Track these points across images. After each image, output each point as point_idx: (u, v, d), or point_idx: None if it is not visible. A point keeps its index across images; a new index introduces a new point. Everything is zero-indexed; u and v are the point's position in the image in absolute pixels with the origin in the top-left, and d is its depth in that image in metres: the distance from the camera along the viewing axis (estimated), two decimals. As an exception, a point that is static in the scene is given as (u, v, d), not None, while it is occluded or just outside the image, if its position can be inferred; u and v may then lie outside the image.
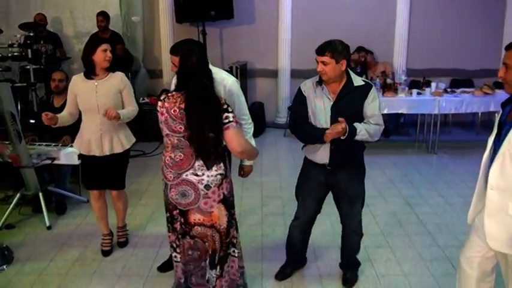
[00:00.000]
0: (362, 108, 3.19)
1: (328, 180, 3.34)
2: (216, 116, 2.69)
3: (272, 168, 6.32)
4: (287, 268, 3.74)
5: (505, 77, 2.33)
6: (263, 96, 8.48)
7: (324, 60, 3.09)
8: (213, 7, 7.33)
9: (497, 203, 2.38)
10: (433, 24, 8.20)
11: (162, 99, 2.78)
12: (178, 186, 2.81)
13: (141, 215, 4.82)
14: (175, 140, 2.77)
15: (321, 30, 7.77)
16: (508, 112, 2.41)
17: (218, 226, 2.90)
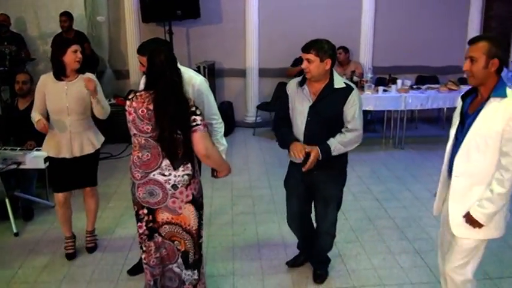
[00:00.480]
0: (341, 111, 3.17)
1: (304, 179, 3.35)
2: (184, 116, 2.67)
3: (242, 167, 6.32)
4: (300, 257, 3.82)
5: (470, 70, 2.42)
6: (232, 95, 8.47)
7: (308, 57, 3.11)
8: (179, 6, 7.27)
9: (463, 190, 2.53)
10: (398, 22, 8.32)
11: (130, 98, 2.76)
12: (145, 185, 2.79)
13: (109, 218, 4.75)
14: (142, 140, 2.75)
15: (288, 30, 7.84)
16: (469, 104, 2.55)
17: (189, 227, 2.88)
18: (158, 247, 2.93)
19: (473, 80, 2.45)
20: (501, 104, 2.38)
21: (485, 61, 2.38)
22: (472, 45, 2.42)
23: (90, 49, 7.29)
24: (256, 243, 4.21)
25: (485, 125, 2.40)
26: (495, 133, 2.38)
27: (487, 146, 2.42)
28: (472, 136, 2.44)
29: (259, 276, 3.70)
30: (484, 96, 2.46)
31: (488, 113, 2.40)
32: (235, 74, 8.36)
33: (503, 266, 3.85)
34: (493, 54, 2.38)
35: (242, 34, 8.21)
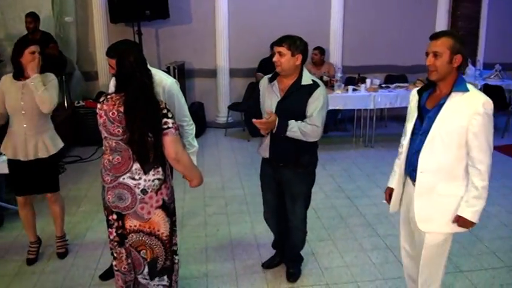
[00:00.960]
0: (305, 107, 3.22)
1: (274, 175, 3.43)
2: (156, 119, 2.65)
3: (214, 168, 6.31)
4: (275, 258, 3.84)
5: (434, 64, 2.45)
6: (202, 96, 8.44)
7: (280, 50, 3.16)
8: (148, 7, 7.20)
9: (428, 185, 2.55)
10: (367, 22, 8.44)
11: (101, 101, 2.71)
12: (114, 189, 2.74)
13: (80, 222, 4.67)
14: (113, 143, 2.71)
15: (258, 30, 7.86)
16: (426, 98, 2.60)
17: (159, 233, 2.83)
18: (129, 253, 2.89)
19: (436, 74, 2.47)
20: (463, 98, 2.43)
21: (449, 56, 2.43)
22: (435, 40, 2.47)
23: (57, 50, 7.15)
24: (229, 243, 4.22)
25: (449, 119, 2.44)
26: (460, 128, 2.42)
27: (452, 141, 2.46)
28: (436, 131, 2.47)
29: (233, 277, 3.71)
30: (444, 91, 2.50)
31: (451, 108, 2.44)
32: (206, 74, 8.33)
33: (474, 259, 3.96)
34: (457, 50, 2.43)
35: (212, 34, 8.19)
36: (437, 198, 2.55)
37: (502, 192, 5.43)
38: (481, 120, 2.39)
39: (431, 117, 2.50)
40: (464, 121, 2.41)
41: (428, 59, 2.46)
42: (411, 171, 2.64)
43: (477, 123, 2.39)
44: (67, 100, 7.40)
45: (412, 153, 2.62)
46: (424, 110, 2.57)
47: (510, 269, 3.81)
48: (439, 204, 2.56)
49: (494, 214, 4.84)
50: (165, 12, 7.45)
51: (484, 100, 2.41)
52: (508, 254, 4.04)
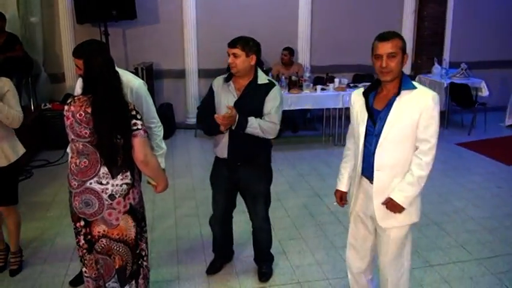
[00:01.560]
0: (262, 106, 3.26)
1: (231, 175, 3.42)
2: (124, 120, 2.60)
3: (184, 169, 6.26)
4: (216, 262, 3.80)
5: (391, 66, 2.48)
6: (171, 97, 8.37)
7: (235, 52, 3.17)
8: (114, 7, 7.10)
9: (384, 182, 2.61)
10: (335, 22, 8.51)
11: (68, 102, 2.65)
12: (81, 194, 2.67)
13: (49, 228, 4.55)
14: (80, 145, 2.63)
15: (227, 30, 7.78)
16: (373, 100, 2.64)
17: (127, 239, 2.77)
18: (97, 261, 2.82)
19: (391, 75, 2.51)
20: (413, 95, 2.51)
21: (401, 56, 2.50)
22: (386, 42, 2.49)
23: (23, 52, 6.99)
24: (200, 245, 4.19)
25: (401, 117, 2.51)
26: (412, 123, 2.50)
27: (406, 137, 2.54)
28: (389, 129, 2.53)
29: (205, 279, 3.69)
30: (392, 90, 2.56)
31: (402, 106, 2.51)
32: (175, 75, 8.27)
33: (442, 253, 4.04)
34: (405, 50, 2.52)
35: (180, 34, 8.13)
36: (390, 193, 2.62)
37: (468, 187, 5.55)
38: (431, 113, 2.48)
39: (384, 117, 2.56)
40: (416, 116, 2.49)
41: (385, 61, 2.48)
42: (370, 171, 2.67)
43: (427, 117, 2.49)
44: (33, 103, 7.23)
45: (369, 155, 2.65)
46: (374, 111, 2.62)
47: (479, 261, 3.90)
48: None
49: (461, 208, 4.95)
50: (132, 13, 7.36)
51: (432, 95, 2.51)
52: (476, 247, 4.13)
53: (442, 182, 5.73)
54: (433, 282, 3.62)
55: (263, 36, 7.97)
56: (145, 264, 2.97)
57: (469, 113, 8.40)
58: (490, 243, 4.21)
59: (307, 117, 8.48)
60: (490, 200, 5.20)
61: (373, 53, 2.55)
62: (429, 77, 8.61)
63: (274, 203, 4.97)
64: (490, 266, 3.82)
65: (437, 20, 8.85)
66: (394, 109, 2.52)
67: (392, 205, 2.58)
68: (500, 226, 4.54)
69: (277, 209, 4.92)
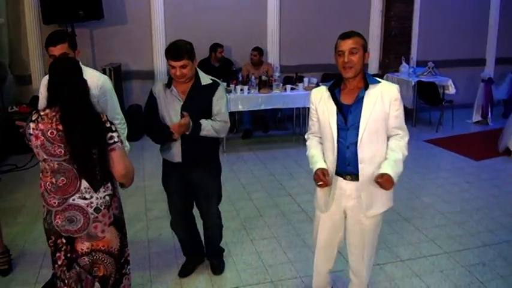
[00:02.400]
0: (210, 106, 3.27)
1: (183, 177, 3.41)
2: (99, 134, 2.46)
3: (154, 171, 6.13)
4: (188, 265, 3.77)
5: (353, 61, 2.61)
6: (141, 98, 8.19)
7: (183, 64, 3.11)
8: (81, 7, 6.97)
9: (368, 174, 2.69)
10: (303, 22, 8.55)
11: (35, 120, 2.45)
12: (64, 212, 2.52)
13: (18, 234, 4.41)
14: (55, 164, 2.47)
15: (196, 30, 7.78)
16: (339, 96, 2.74)
17: (111, 249, 2.66)
18: (79, 276, 2.65)
19: (353, 71, 2.63)
20: (378, 89, 2.67)
21: (362, 53, 2.65)
22: (348, 39, 2.64)
23: None
24: (172, 248, 4.13)
25: (374, 109, 2.63)
26: (384, 114, 2.66)
27: (381, 128, 2.68)
28: (365, 122, 2.63)
29: (178, 281, 3.65)
30: (359, 86, 2.69)
31: (371, 100, 2.64)
32: (143, 75, 8.16)
33: (413, 248, 4.10)
34: (366, 48, 2.68)
35: (148, 35, 8.04)
36: (375, 183, 2.68)
37: (437, 183, 5.64)
38: (398, 103, 2.68)
39: (354, 111, 2.66)
40: (386, 107, 2.65)
41: (347, 56, 2.60)
42: (345, 166, 2.71)
43: (396, 107, 2.68)
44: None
45: (343, 148, 2.69)
46: (344, 106, 2.70)
47: (449, 255, 3.96)
48: (376, 188, 2.69)
49: (431, 204, 5.02)
50: (98, 13, 7.23)
51: (396, 87, 2.72)
52: (446, 241, 4.19)
53: (411, 178, 5.80)
54: (404, 276, 3.66)
55: (232, 37, 8.09)
56: (129, 270, 2.86)
57: (436, 110, 8.56)
58: (460, 237, 4.28)
59: (278, 117, 8.50)
60: (459, 194, 5.30)
61: (336, 51, 2.67)
62: (397, 75, 8.73)
63: (246, 203, 5.01)
64: (460, 259, 3.89)
65: (404, 19, 8.99)
66: (365, 103, 2.64)
67: (387, 180, 2.60)
68: (470, 220, 4.63)
69: (249, 209, 4.91)
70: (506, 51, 9.95)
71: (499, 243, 4.16)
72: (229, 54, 8.19)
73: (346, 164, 2.71)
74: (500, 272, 3.71)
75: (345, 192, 2.75)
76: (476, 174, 5.98)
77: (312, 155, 2.88)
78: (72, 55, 3.08)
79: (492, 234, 4.34)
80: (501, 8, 9.73)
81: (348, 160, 2.69)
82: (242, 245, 4.17)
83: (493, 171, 6.11)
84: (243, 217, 4.70)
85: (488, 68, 9.92)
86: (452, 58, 9.49)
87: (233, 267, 3.82)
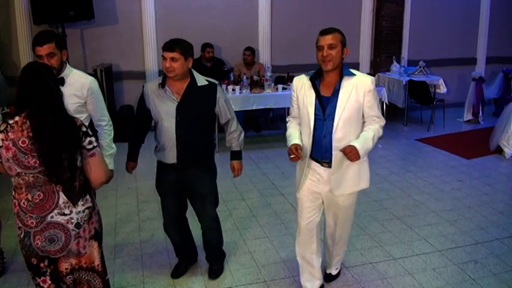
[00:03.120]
0: (210, 108, 3.27)
1: (178, 178, 3.37)
2: (72, 134, 2.30)
3: (146, 172, 6.09)
4: (181, 266, 3.75)
5: (331, 55, 2.80)
6: (132, 99, 8.19)
7: (173, 56, 3.10)
8: (71, 7, 6.93)
9: (340, 159, 2.90)
10: (294, 22, 8.55)
11: (3, 130, 2.23)
12: (43, 231, 2.34)
13: (9, 236, 4.33)
14: (30, 178, 2.28)
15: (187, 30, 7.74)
16: (319, 87, 2.94)
17: (95, 266, 2.54)
18: None
19: (332, 64, 2.82)
20: (353, 81, 2.87)
21: (341, 49, 2.85)
22: (327, 35, 2.83)
23: None
24: (165, 249, 4.12)
25: (349, 100, 2.84)
26: (359, 104, 2.87)
27: (356, 118, 2.89)
28: (341, 112, 2.84)
29: (170, 282, 3.63)
30: (335, 79, 2.89)
31: (347, 91, 2.85)
32: (135, 76, 8.12)
33: (405, 246, 4.11)
34: (344, 44, 2.87)
35: (139, 35, 8.00)
36: (346, 167, 2.95)
37: (429, 181, 5.66)
38: (373, 94, 2.89)
39: (332, 102, 2.87)
40: (361, 98, 2.86)
41: (325, 51, 2.80)
42: (322, 153, 2.95)
43: (370, 97, 2.88)
44: (-10, 107, 6.98)
45: (320, 137, 2.92)
46: (322, 97, 2.91)
47: (441, 253, 3.98)
48: (346, 171, 2.97)
49: (423, 202, 5.04)
50: (89, 13, 7.18)
51: (371, 78, 2.92)
52: (438, 239, 4.21)
53: (403, 177, 5.82)
54: (397, 275, 3.67)
55: (224, 37, 8.08)
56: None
57: (427, 109, 8.60)
58: (452, 235, 4.30)
59: (270, 117, 8.50)
60: (450, 193, 5.32)
61: (316, 46, 2.88)
62: (388, 75, 8.75)
63: (239, 203, 5.00)
64: (452, 257, 3.90)
65: (395, 19, 9.01)
66: (341, 94, 2.85)
67: (351, 151, 2.77)
68: (461, 218, 4.64)
69: (242, 209, 4.90)
70: (497, 50, 10.01)
71: (490, 241, 4.18)
72: (221, 54, 8.19)
73: (323, 151, 2.94)
74: (492, 269, 3.73)
75: (322, 178, 3.01)
76: (468, 172, 6.00)
77: (289, 134, 3.11)
78: (58, 56, 3.04)
79: (484, 232, 4.36)
80: (491, 7, 9.78)
81: (325, 147, 2.92)
82: (235, 245, 4.16)
83: (484, 169, 6.14)
84: (235, 217, 4.69)
85: (479, 67, 9.97)
86: (443, 57, 9.54)
87: (226, 267, 3.81)
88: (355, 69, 2.96)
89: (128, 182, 5.45)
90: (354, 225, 4.48)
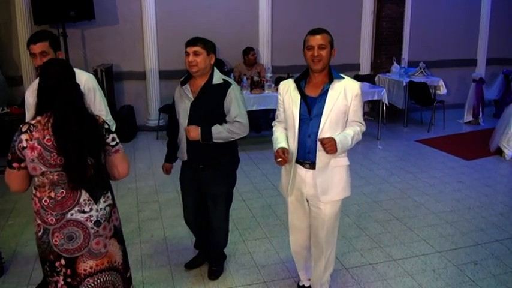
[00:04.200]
0: (221, 106, 3.26)
1: (194, 177, 3.43)
2: (97, 137, 2.35)
3: (146, 172, 6.16)
4: (198, 258, 3.82)
5: (321, 55, 2.82)
6: (132, 99, 8.23)
7: (196, 50, 3.15)
8: (72, 7, 6.93)
9: (324, 161, 2.91)
10: (295, 23, 8.53)
11: (26, 130, 2.24)
12: (62, 229, 2.32)
13: (9, 236, 4.37)
14: (54, 176, 2.28)
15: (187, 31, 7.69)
16: (304, 88, 2.95)
17: (117, 265, 2.52)
18: None
19: (321, 64, 2.85)
20: (342, 84, 2.88)
21: (330, 50, 2.87)
22: (317, 35, 2.86)
23: None
24: (165, 249, 4.12)
25: (336, 102, 2.85)
26: (345, 107, 2.88)
27: (339, 119, 2.88)
28: (328, 114, 2.85)
29: (170, 283, 3.63)
30: (324, 80, 2.91)
31: (335, 93, 2.86)
32: (135, 76, 8.13)
33: (405, 247, 4.11)
34: (332, 45, 2.89)
35: (140, 36, 8.01)
36: (331, 171, 2.94)
37: (429, 183, 5.66)
38: (358, 99, 2.91)
39: (319, 103, 2.88)
40: (348, 101, 2.87)
41: (316, 51, 2.82)
42: (305, 154, 2.94)
43: (356, 102, 2.90)
44: (-9, 107, 6.99)
45: (305, 136, 2.92)
46: (308, 98, 2.91)
47: (441, 254, 3.98)
48: (332, 176, 2.95)
49: (423, 203, 5.04)
50: (90, 13, 7.19)
51: (358, 84, 2.94)
52: (437, 240, 4.20)
53: (403, 178, 5.82)
54: (397, 276, 3.67)
55: (224, 37, 8.07)
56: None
57: (428, 110, 8.60)
58: (452, 236, 4.30)
59: (270, 117, 8.48)
60: (450, 194, 5.31)
61: (305, 46, 2.89)
62: (388, 76, 8.75)
63: (239, 204, 4.99)
64: (452, 258, 3.90)
65: (395, 20, 9.01)
66: (330, 95, 2.86)
67: (329, 142, 2.76)
68: (461, 219, 4.64)
69: (241, 209, 4.90)
70: (497, 51, 10.02)
71: (490, 242, 4.18)
72: (221, 54, 8.18)
73: (306, 152, 2.94)
74: (491, 270, 3.73)
75: (305, 181, 2.98)
76: (468, 173, 6.00)
77: (276, 138, 3.11)
78: (52, 55, 3.04)
79: (484, 233, 4.36)
80: (492, 9, 9.78)
81: (309, 148, 2.92)
82: (235, 246, 4.15)
83: (485, 170, 6.13)
84: (235, 218, 4.68)
85: (479, 68, 9.98)
86: (443, 58, 9.54)
87: (226, 268, 3.81)
88: (355, 70, 2.98)
89: (128, 182, 5.46)
90: (354, 225, 4.50)
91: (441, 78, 8.45)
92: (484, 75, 9.23)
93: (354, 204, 4.99)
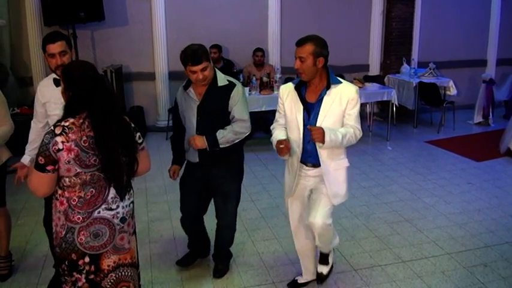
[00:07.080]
0: (226, 107, 3.28)
1: (204, 176, 3.45)
2: (130, 135, 2.44)
3: (156, 172, 6.13)
4: (189, 257, 3.84)
5: (302, 68, 2.88)
6: (142, 100, 8.27)
7: (203, 67, 3.15)
8: (82, 8, 6.98)
9: (327, 165, 3.02)
10: (304, 24, 8.51)
11: (61, 132, 2.22)
12: (89, 227, 2.34)
13: (19, 236, 4.41)
14: (87, 176, 2.30)
15: (196, 32, 7.79)
16: (305, 93, 3.02)
17: (135, 260, 2.58)
18: None
19: (305, 76, 2.92)
20: (339, 89, 2.95)
21: (313, 60, 2.87)
22: (300, 47, 2.90)
23: None
24: (174, 249, 4.14)
25: (332, 107, 2.93)
26: (341, 112, 2.95)
27: (336, 123, 2.95)
28: (322, 119, 2.93)
29: (179, 283, 3.65)
30: (321, 85, 2.98)
31: (331, 98, 2.93)
32: (145, 77, 8.17)
33: (415, 249, 4.09)
34: (318, 54, 2.88)
35: (149, 37, 8.04)
36: (333, 174, 3.06)
37: (439, 184, 5.63)
38: (355, 103, 2.97)
39: (316, 109, 2.96)
40: (343, 106, 2.94)
41: (296, 63, 2.90)
42: (307, 158, 3.06)
43: (352, 106, 2.96)
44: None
45: (307, 142, 3.00)
46: (308, 104, 2.99)
47: (450, 256, 3.96)
48: (336, 178, 3.08)
49: (432, 205, 5.02)
50: (100, 14, 7.24)
51: (355, 88, 3.01)
52: (447, 242, 4.19)
53: (412, 179, 5.80)
54: (406, 277, 3.65)
55: (234, 38, 8.08)
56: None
57: (437, 111, 8.56)
58: (461, 237, 4.28)
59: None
60: (460, 195, 5.29)
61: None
62: (398, 76, 8.72)
63: (248, 204, 5.00)
64: (462, 260, 3.88)
65: (405, 20, 8.98)
66: (325, 101, 2.93)
67: (318, 130, 2.82)
68: (471, 221, 4.62)
69: (250, 210, 4.91)
70: (508, 52, 9.94)
71: (500, 244, 4.16)
72: (231, 55, 8.21)
73: (308, 156, 3.06)
74: (501, 273, 3.71)
75: (307, 174, 3.12)
76: (478, 175, 5.97)
77: (275, 136, 3.14)
78: (69, 54, 3.11)
79: (493, 235, 4.33)
80: (502, 9, 9.71)
81: (310, 153, 3.03)
82: (243, 246, 4.17)
83: (495, 172, 6.10)
84: (244, 218, 4.69)
85: (489, 69, 9.90)
86: (453, 59, 9.49)
87: (234, 268, 3.82)
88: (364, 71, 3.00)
89: (138, 182, 5.42)
90: (363, 227, 4.49)
91: (451, 79, 8.41)
92: (494, 76, 9.18)
93: (363, 205, 4.98)
